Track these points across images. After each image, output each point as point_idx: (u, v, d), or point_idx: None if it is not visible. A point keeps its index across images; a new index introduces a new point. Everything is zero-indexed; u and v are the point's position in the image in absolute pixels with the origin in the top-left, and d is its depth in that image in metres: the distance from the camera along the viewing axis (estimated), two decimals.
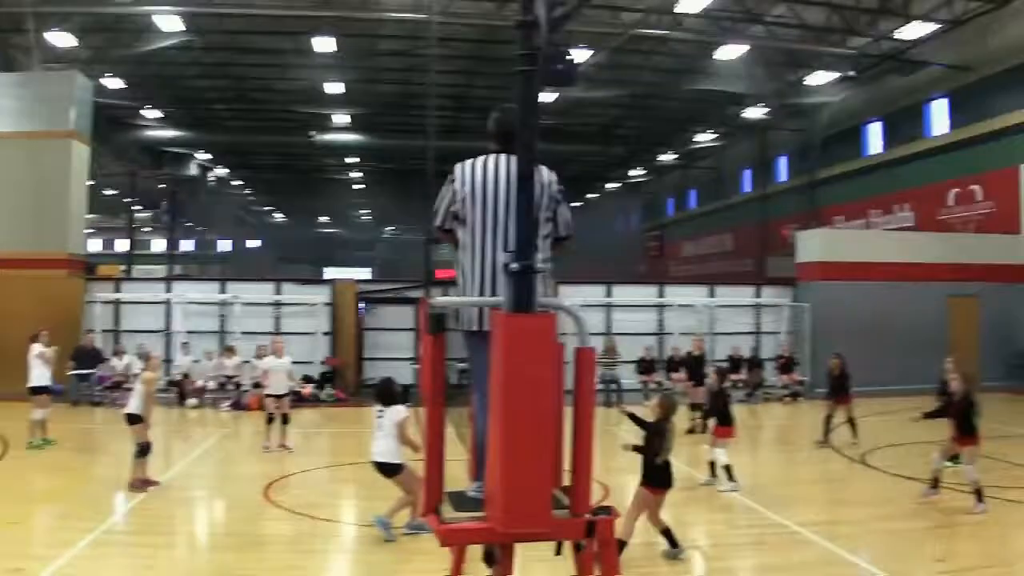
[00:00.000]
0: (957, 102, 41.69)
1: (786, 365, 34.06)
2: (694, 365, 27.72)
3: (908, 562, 12.51)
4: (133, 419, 16.73)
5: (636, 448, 13.37)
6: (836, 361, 23.41)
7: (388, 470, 13.70)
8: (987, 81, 38.76)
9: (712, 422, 18.77)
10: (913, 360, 31.16)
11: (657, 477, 13.11)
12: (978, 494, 15.51)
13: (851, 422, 22.76)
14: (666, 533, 12.96)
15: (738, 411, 21.81)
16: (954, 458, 17.50)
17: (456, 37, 41.10)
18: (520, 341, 5.34)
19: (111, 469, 18.58)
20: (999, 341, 36.24)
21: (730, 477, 17.06)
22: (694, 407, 25.27)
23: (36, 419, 21.20)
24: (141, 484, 16.33)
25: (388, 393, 14.45)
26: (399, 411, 13.91)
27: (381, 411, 14.08)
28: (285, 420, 21.48)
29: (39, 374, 21.64)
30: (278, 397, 21.53)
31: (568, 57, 5.57)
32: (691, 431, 24.55)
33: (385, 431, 13.80)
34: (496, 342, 5.44)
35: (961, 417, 15.95)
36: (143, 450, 16.57)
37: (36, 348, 21.84)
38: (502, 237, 6.44)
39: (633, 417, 13.70)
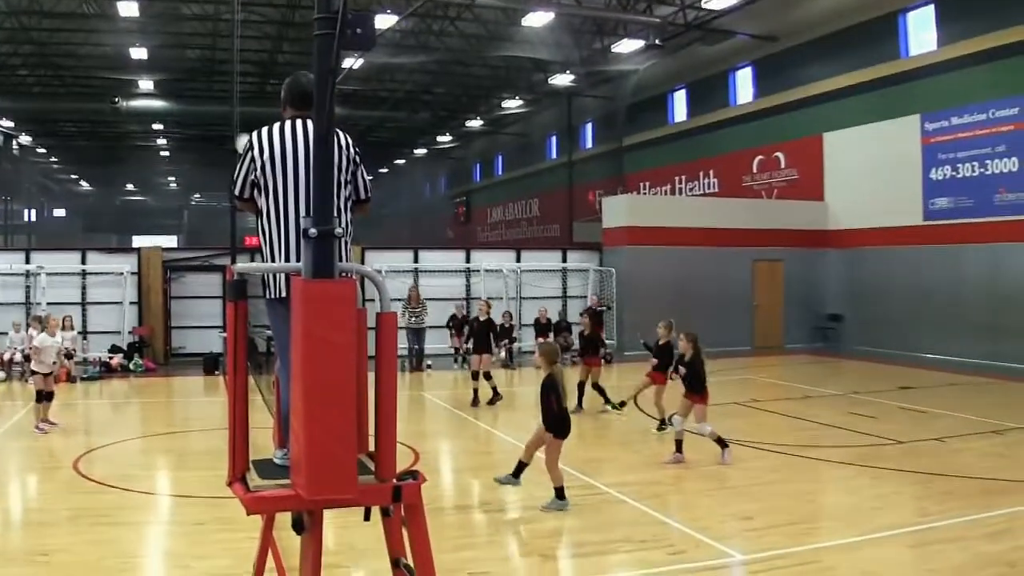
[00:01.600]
0: (762, 71, 42.57)
1: (596, 317, 34.23)
2: (480, 331, 27.45)
3: (715, 519, 12.75)
4: None
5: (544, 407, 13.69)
6: (586, 320, 23.80)
7: None
8: (792, 51, 39.68)
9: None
10: (720, 323, 31.90)
11: (558, 425, 13.50)
12: (720, 442, 16.25)
13: (598, 388, 22.99)
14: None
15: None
16: (662, 422, 18.71)
17: (260, 2, 40.78)
18: (320, 306, 5.33)
19: None
20: (803, 305, 37.45)
21: None
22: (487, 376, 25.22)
23: None
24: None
25: None
26: None
27: None
28: (49, 397, 20.95)
29: None
30: (45, 376, 21.00)
31: (368, 21, 5.57)
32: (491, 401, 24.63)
33: None
34: (296, 308, 5.42)
35: (692, 376, 16.47)
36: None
37: None
38: (303, 202, 6.42)
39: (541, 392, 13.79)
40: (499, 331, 27.64)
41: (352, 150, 6.78)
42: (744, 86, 44.38)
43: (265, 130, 6.70)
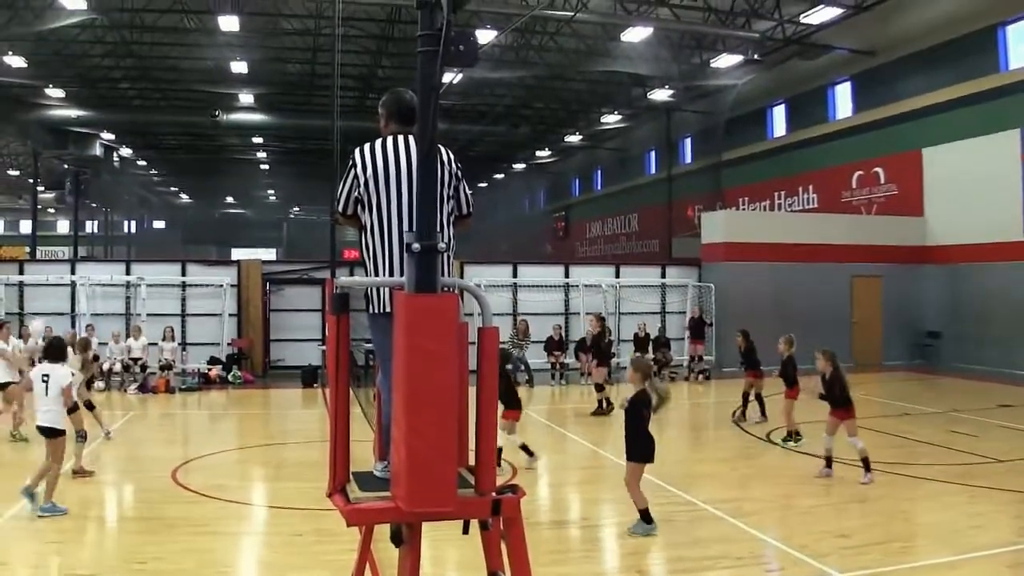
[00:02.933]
0: (860, 86, 42.15)
1: (698, 328, 34.06)
2: (594, 345, 27.51)
3: (812, 537, 12.65)
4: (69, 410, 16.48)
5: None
6: (740, 339, 23.58)
7: (48, 433, 13.65)
8: (890, 66, 39.28)
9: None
10: (817, 340, 31.19)
11: (639, 449, 13.14)
12: (865, 463, 15.99)
13: (759, 399, 22.91)
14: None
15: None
16: (789, 435, 18.48)
17: (361, 17, 41.02)
18: (422, 320, 5.36)
19: (18, 453, 18.49)
20: (901, 322, 37.03)
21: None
22: (599, 388, 25.31)
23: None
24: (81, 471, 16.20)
25: (55, 350, 14.38)
26: (65, 375, 13.83)
27: (46, 374, 13.96)
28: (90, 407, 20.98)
29: None
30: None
31: (470, 38, 5.59)
32: (597, 412, 24.65)
33: (51, 395, 13.74)
34: (399, 322, 5.45)
35: (836, 393, 16.36)
36: (83, 436, 16.39)
37: None
38: (407, 217, 6.45)
39: (629, 409, 13.37)
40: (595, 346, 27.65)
41: (454, 165, 6.80)
42: (843, 101, 44.00)
43: (368, 147, 6.74)
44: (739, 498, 15.14)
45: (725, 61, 43.78)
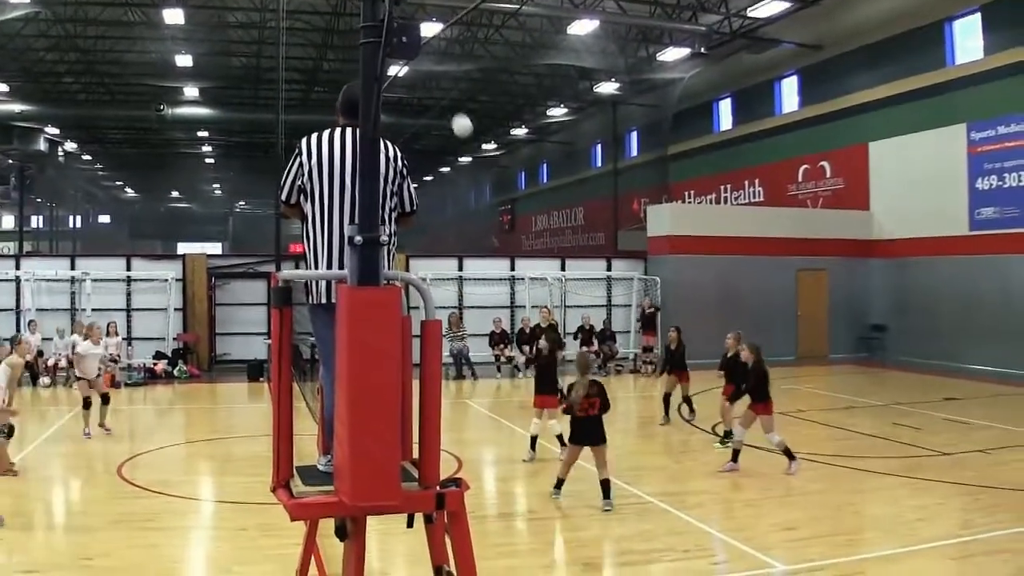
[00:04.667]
0: (807, 80, 42.32)
1: (650, 320, 33.99)
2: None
3: (758, 529, 12.71)
4: None
5: (566, 410, 14.18)
6: (674, 334, 23.31)
7: None
8: (837, 60, 39.41)
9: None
10: (764, 333, 31.24)
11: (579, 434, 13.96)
12: (787, 453, 16.15)
13: (687, 400, 22.73)
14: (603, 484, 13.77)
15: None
16: (727, 434, 18.15)
17: (306, 10, 40.93)
18: (364, 313, 5.35)
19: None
20: (848, 315, 37.22)
21: (562, 443, 17.11)
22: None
23: None
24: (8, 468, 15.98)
25: None
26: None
27: None
28: (106, 400, 21.06)
29: None
30: (90, 381, 21.02)
31: (413, 29, 5.58)
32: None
33: None
34: (341, 314, 5.45)
35: (756, 386, 16.38)
36: (9, 432, 16.23)
37: None
38: (349, 210, 6.44)
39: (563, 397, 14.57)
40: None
41: (400, 162, 6.80)
42: (790, 95, 44.14)
43: (315, 136, 6.74)
44: (684, 491, 15.23)
45: (672, 54, 43.89)
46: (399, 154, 6.80)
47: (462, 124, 8.25)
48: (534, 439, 17.71)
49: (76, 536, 12.78)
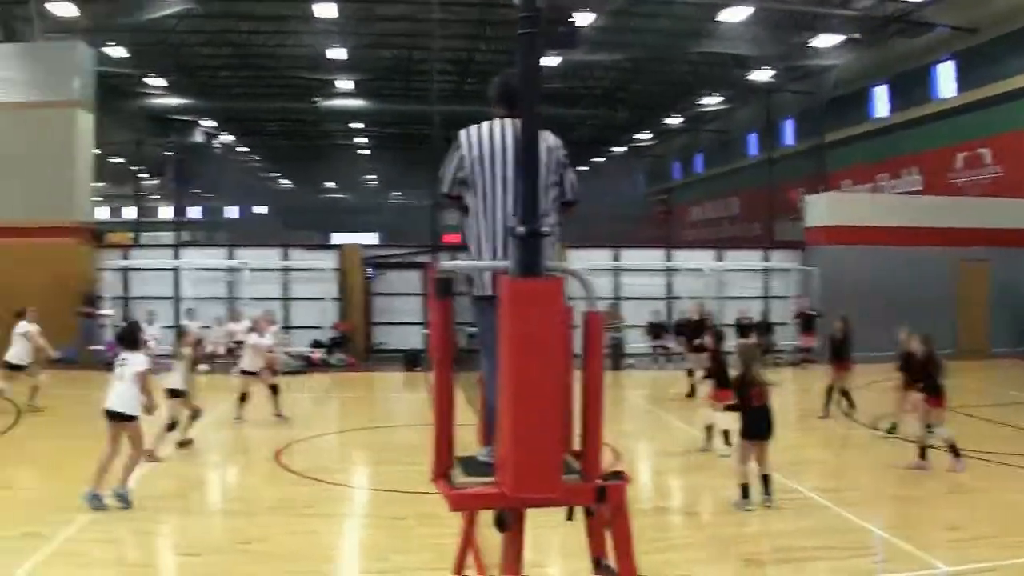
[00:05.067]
0: (964, 64, 41.40)
1: (807, 322, 33.59)
2: (693, 330, 27.27)
3: (919, 528, 12.48)
4: (175, 393, 16.94)
5: (731, 407, 13.95)
6: (840, 324, 22.86)
7: (121, 418, 13.34)
8: (994, 43, 38.47)
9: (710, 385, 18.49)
10: (922, 324, 30.69)
11: (748, 427, 13.56)
12: (954, 450, 15.60)
13: (846, 394, 22.28)
14: (764, 478, 13.46)
15: None
16: (894, 426, 17.80)
17: (458, 1, 41.04)
18: (527, 305, 5.32)
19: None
20: (1009, 307, 36.05)
21: (726, 440, 17.04)
22: (691, 372, 25.16)
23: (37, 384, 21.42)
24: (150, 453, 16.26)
25: (128, 337, 14.14)
26: (141, 361, 13.54)
27: (124, 359, 13.70)
28: (275, 391, 21.34)
29: (16, 352, 21.77)
30: (252, 374, 21.26)
31: (570, 20, 5.54)
32: (689, 395, 24.53)
33: (126, 381, 13.41)
34: (503, 306, 5.42)
35: (929, 380, 15.95)
36: (173, 426, 16.64)
37: (21, 326, 21.93)
38: (511, 201, 6.40)
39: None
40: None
41: (561, 152, 6.72)
42: (946, 80, 43.20)
43: (474, 128, 6.69)
44: (844, 487, 15.02)
45: (826, 40, 43.33)
46: (559, 143, 6.74)
47: None
48: (710, 428, 17.57)
49: (234, 521, 13.03)
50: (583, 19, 35.20)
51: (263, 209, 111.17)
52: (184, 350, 17.58)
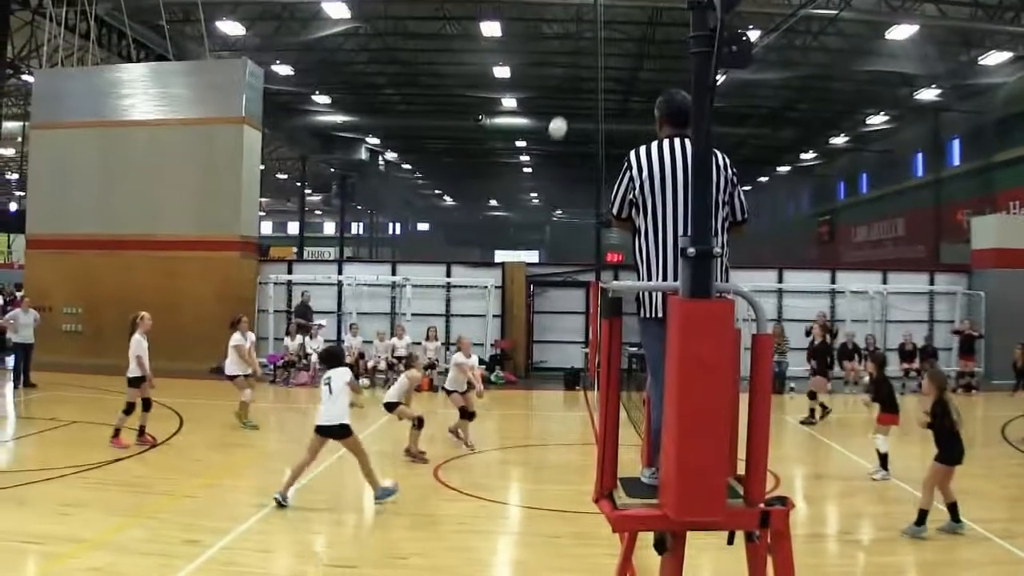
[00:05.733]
0: None
1: (967, 344, 32.92)
2: (820, 353, 26.59)
3: None
4: (392, 406, 18.52)
5: (929, 425, 13.63)
6: (1020, 351, 22.36)
7: (338, 432, 13.97)
8: None
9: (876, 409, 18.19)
10: None
11: (946, 451, 13.40)
12: None
13: None
14: (951, 507, 13.26)
15: (910, 401, 21.52)
16: None
17: (621, 20, 41.05)
18: (697, 326, 5.30)
19: (283, 446, 19.06)
20: None
21: (883, 465, 16.78)
22: (812, 395, 24.73)
23: (243, 400, 21.71)
24: (419, 454, 18.04)
25: (333, 356, 15.13)
26: (345, 372, 14.38)
27: (328, 376, 14.38)
28: (470, 417, 21.10)
29: (232, 362, 22.08)
30: (461, 394, 21.14)
31: (744, 38, 5.50)
32: (807, 421, 24.16)
33: (334, 394, 14.13)
34: (673, 327, 5.40)
35: None
36: (420, 423, 18.15)
37: (235, 338, 22.22)
38: (681, 222, 6.37)
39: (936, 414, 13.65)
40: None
41: (730, 171, 6.72)
42: None
43: (643, 149, 6.69)
44: (1008, 518, 14.61)
45: (994, 58, 42.52)
46: (728, 162, 6.72)
47: (557, 127, 8.09)
48: (884, 456, 17.29)
49: (391, 534, 13.16)
50: (751, 37, 35.07)
51: (425, 226, 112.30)
52: (415, 372, 18.47)
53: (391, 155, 74.24)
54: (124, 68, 36.46)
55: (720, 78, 6.18)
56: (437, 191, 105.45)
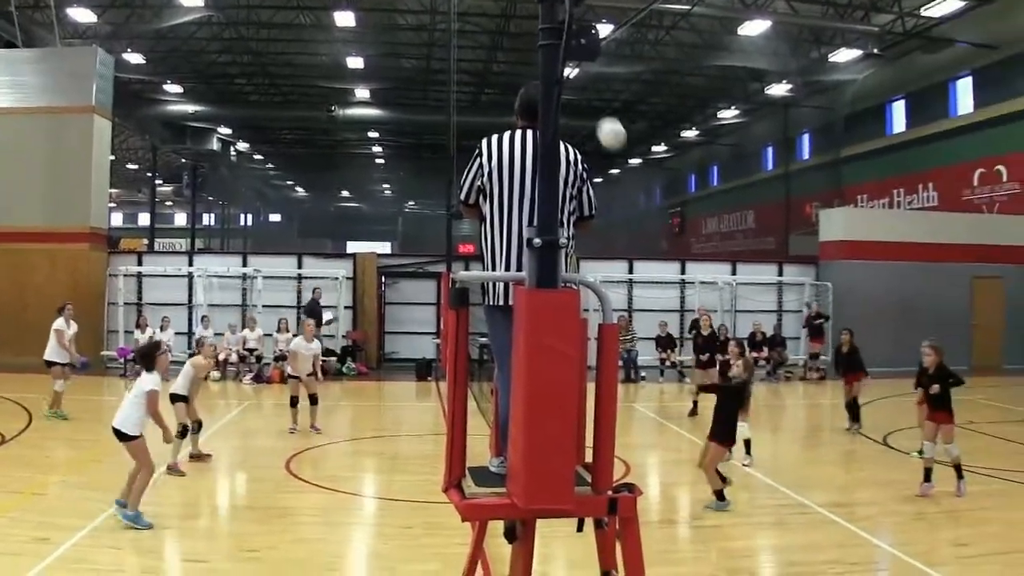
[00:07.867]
0: (982, 81, 41.29)
1: (817, 327, 33.38)
2: (702, 343, 26.60)
3: (928, 544, 12.44)
4: (177, 398, 16.73)
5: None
6: (846, 336, 22.83)
7: (120, 436, 13.01)
8: (1013, 60, 38.30)
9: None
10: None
11: (723, 432, 14.17)
12: (958, 471, 15.23)
13: (854, 403, 22.05)
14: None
15: (760, 390, 21.83)
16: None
17: (475, 12, 41.12)
18: (543, 316, 5.33)
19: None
20: (1022, 324, 35.84)
21: (747, 451, 17.07)
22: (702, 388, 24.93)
23: (56, 390, 21.27)
24: (176, 467, 16.13)
25: (144, 357, 13.67)
26: (149, 381, 13.06)
27: (139, 374, 13.66)
28: (314, 401, 21.19)
29: (51, 347, 21.64)
30: (302, 380, 21.10)
31: (592, 31, 5.54)
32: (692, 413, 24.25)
33: (131, 397, 13.15)
34: (519, 316, 5.43)
35: (946, 393, 15.65)
36: (184, 431, 16.52)
37: (58, 322, 21.81)
38: (528, 212, 6.42)
39: (709, 387, 15.21)
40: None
41: (580, 166, 6.76)
42: (964, 96, 43.08)
43: (495, 137, 6.72)
44: (852, 502, 14.89)
45: (844, 55, 43.20)
46: (579, 157, 6.76)
47: (611, 130, 7.64)
48: (747, 442, 17.43)
49: (243, 527, 13.05)
50: (602, 31, 35.22)
51: (277, 217, 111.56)
52: (200, 360, 17.60)
53: (243, 145, 73.57)
54: None
55: (570, 71, 6.22)
56: (289, 182, 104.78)
